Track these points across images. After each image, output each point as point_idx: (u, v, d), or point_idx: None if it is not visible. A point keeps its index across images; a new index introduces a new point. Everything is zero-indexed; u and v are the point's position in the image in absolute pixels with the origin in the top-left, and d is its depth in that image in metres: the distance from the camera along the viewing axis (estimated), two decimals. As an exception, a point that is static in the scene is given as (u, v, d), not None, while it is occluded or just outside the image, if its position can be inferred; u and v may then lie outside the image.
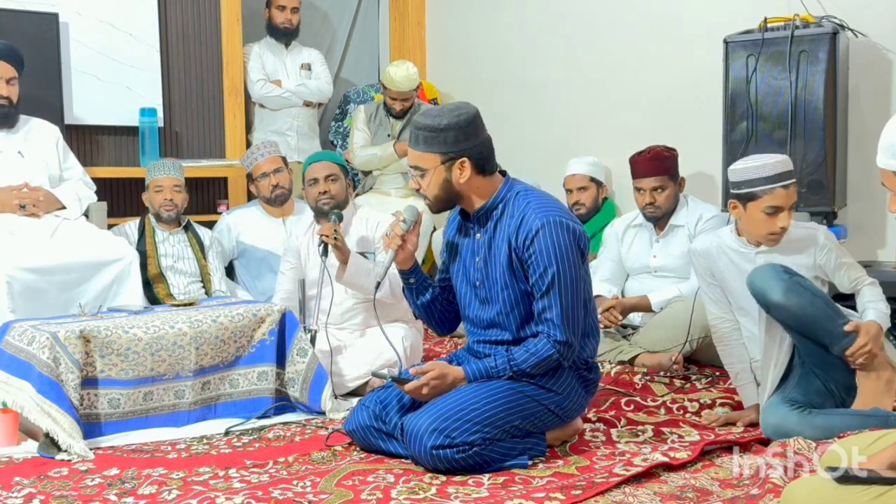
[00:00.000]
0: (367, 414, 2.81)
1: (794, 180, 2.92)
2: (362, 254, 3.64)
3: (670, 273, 4.05)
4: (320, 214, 3.68)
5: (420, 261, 4.77)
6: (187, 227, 4.25)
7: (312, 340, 3.40)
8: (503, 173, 2.84)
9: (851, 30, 3.75)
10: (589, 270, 2.85)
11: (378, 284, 2.97)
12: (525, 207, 2.71)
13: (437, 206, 2.80)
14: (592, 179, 4.49)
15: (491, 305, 2.80)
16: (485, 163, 2.75)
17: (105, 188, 4.59)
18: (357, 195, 5.05)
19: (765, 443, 2.82)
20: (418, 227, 2.89)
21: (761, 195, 2.91)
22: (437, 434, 2.55)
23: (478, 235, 2.82)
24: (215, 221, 4.64)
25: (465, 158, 2.71)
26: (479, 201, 2.78)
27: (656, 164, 3.98)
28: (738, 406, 3.21)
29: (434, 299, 2.98)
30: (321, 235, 3.48)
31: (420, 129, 2.72)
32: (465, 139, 2.71)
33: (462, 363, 2.83)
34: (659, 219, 4.04)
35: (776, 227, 2.96)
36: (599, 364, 3.01)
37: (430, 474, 2.57)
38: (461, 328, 4.53)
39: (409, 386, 2.71)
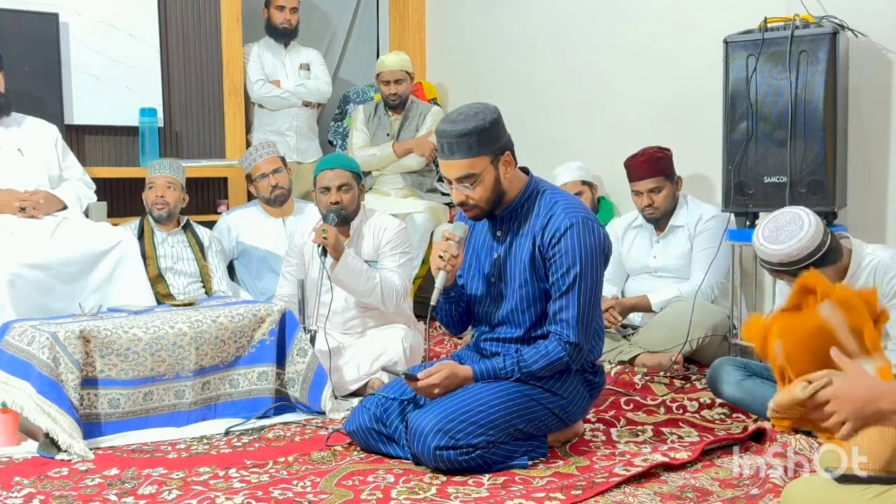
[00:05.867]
0: (367, 416, 2.81)
1: None
2: (368, 262, 3.62)
3: (670, 273, 4.06)
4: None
5: (421, 260, 4.79)
6: (186, 227, 4.24)
7: (312, 340, 3.40)
8: (525, 171, 2.84)
9: (851, 30, 3.75)
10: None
11: (434, 308, 2.83)
12: (553, 206, 2.71)
13: (486, 211, 2.75)
14: (584, 182, 4.50)
15: (505, 303, 2.79)
16: (515, 154, 2.75)
17: (105, 188, 4.59)
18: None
19: (763, 442, 2.83)
20: (465, 243, 2.83)
21: None
22: (442, 435, 2.55)
23: (498, 233, 2.81)
24: (215, 221, 4.64)
25: (507, 151, 2.71)
26: (507, 199, 2.76)
27: (650, 166, 4.00)
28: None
29: (466, 305, 2.92)
30: (313, 242, 3.49)
31: (465, 136, 2.62)
32: (504, 131, 2.72)
33: (465, 362, 2.84)
34: (658, 220, 4.05)
35: None
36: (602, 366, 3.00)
37: (430, 474, 2.58)
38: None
39: (420, 384, 2.71)
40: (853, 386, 1.76)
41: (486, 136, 2.65)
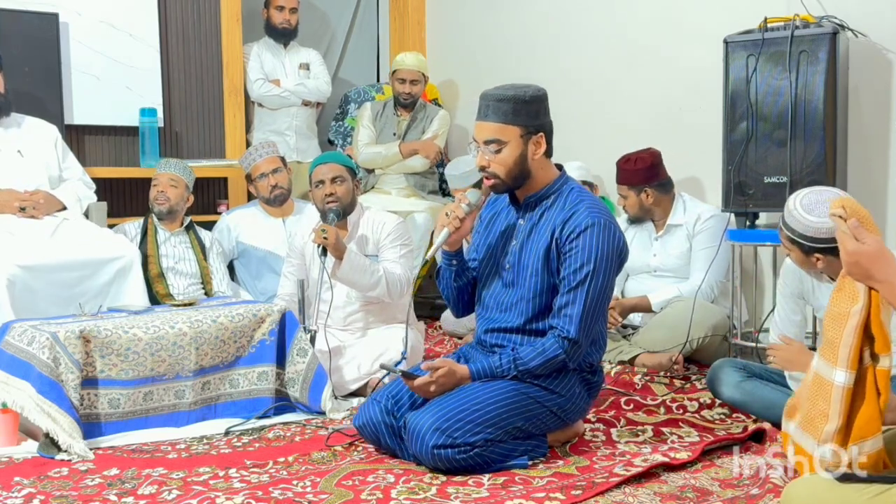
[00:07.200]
0: (378, 409, 2.79)
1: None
2: (369, 257, 3.63)
3: (670, 273, 4.06)
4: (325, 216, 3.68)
5: (421, 260, 4.79)
6: (189, 228, 4.25)
7: (312, 340, 3.40)
8: (559, 167, 2.86)
9: (851, 30, 3.75)
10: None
11: (430, 263, 2.97)
12: (579, 203, 2.74)
13: (506, 185, 2.77)
14: (585, 182, 4.51)
15: (514, 290, 2.80)
16: (551, 142, 2.79)
17: (105, 188, 4.59)
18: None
19: (763, 442, 2.83)
20: (476, 212, 2.87)
21: None
22: (440, 433, 2.55)
23: (521, 221, 2.83)
24: (215, 221, 4.64)
25: (542, 134, 2.74)
26: (534, 185, 2.79)
27: (619, 174, 4.12)
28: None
29: (470, 281, 2.96)
30: (313, 242, 3.49)
31: (503, 101, 2.69)
32: (544, 114, 2.76)
33: (467, 360, 2.84)
34: (636, 220, 4.11)
35: None
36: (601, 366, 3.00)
37: (430, 474, 2.58)
38: (462, 326, 4.58)
39: (417, 382, 2.71)
40: (882, 257, 1.88)
41: (522, 108, 2.70)
